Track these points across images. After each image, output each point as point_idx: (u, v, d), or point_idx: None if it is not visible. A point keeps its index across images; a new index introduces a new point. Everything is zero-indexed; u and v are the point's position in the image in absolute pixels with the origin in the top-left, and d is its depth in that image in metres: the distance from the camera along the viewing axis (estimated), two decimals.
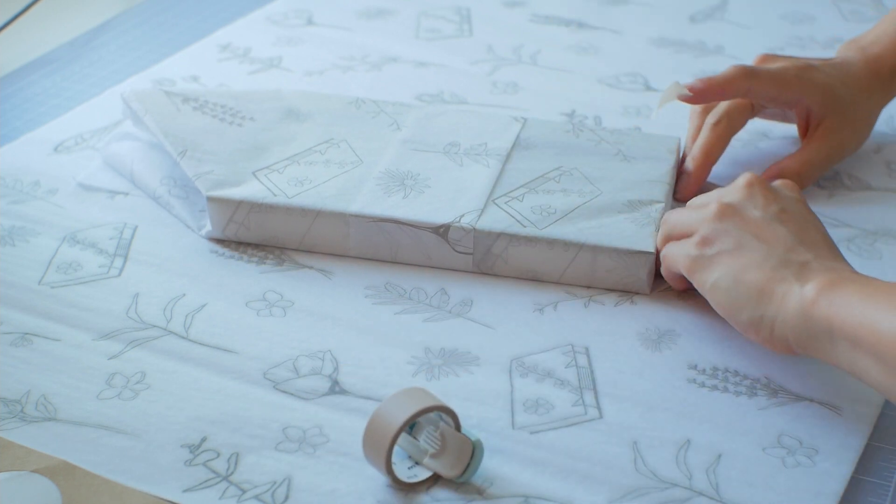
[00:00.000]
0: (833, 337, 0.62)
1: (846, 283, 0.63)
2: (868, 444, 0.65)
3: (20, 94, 0.99)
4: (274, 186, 0.79)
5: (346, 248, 0.78)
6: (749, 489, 0.61)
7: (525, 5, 1.13)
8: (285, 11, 1.12)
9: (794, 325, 0.64)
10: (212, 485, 0.61)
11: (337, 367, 0.69)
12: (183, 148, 0.82)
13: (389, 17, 1.11)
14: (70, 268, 0.77)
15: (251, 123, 0.86)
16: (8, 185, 0.85)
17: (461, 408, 0.64)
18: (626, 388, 0.68)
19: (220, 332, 0.72)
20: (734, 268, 0.67)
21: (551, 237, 0.75)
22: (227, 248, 0.79)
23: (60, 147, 0.90)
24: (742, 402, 0.67)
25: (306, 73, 1.01)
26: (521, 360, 0.70)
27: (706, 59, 1.03)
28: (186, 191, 0.83)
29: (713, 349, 0.71)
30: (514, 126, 0.85)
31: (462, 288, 0.76)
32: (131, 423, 0.65)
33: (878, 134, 0.92)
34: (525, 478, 0.62)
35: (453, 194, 0.78)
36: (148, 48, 1.06)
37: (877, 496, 0.62)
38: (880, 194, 0.85)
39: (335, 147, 0.83)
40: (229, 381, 0.68)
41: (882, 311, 0.60)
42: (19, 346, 0.71)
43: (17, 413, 0.66)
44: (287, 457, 0.63)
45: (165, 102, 0.87)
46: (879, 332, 0.59)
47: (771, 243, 0.67)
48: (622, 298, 0.75)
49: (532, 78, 1.00)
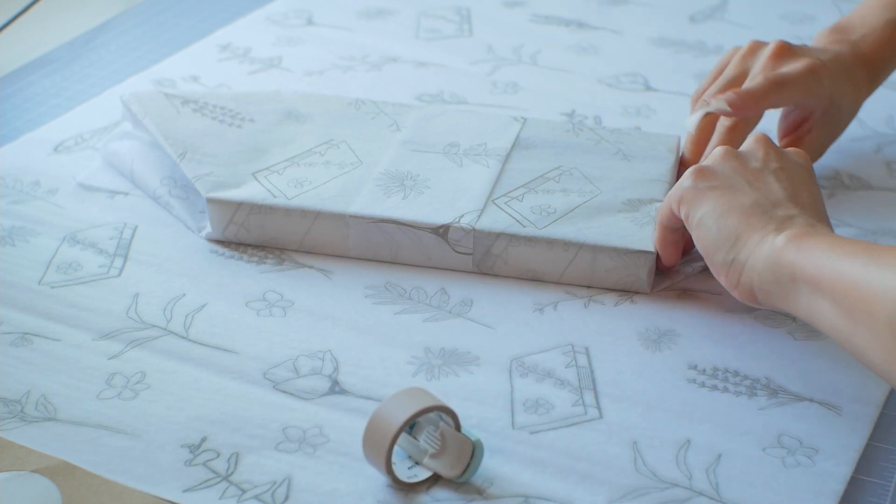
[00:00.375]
0: (795, 281, 0.63)
1: (818, 235, 0.64)
2: (868, 444, 0.65)
3: (20, 94, 0.99)
4: (273, 188, 0.79)
5: (345, 249, 0.78)
6: (749, 489, 0.61)
7: (525, 5, 1.13)
8: (285, 11, 1.12)
9: (761, 270, 0.65)
10: (212, 485, 0.62)
11: (337, 367, 0.69)
12: (183, 150, 0.82)
13: (389, 17, 1.11)
14: (70, 268, 0.77)
15: (251, 125, 0.86)
16: (8, 185, 0.85)
17: (461, 408, 0.64)
18: (626, 388, 0.68)
19: (220, 332, 0.72)
20: (721, 206, 0.68)
21: (551, 237, 0.75)
22: (227, 248, 0.79)
23: (60, 147, 0.90)
24: (742, 402, 0.67)
25: (306, 73, 1.01)
26: (521, 360, 0.70)
27: (706, 59, 1.03)
28: (186, 191, 0.83)
29: (713, 349, 0.71)
30: (514, 126, 0.85)
31: (462, 288, 0.76)
32: (131, 423, 0.65)
33: (878, 134, 0.92)
34: (525, 478, 0.62)
35: (453, 195, 0.78)
36: (148, 48, 1.06)
37: (877, 496, 0.62)
38: (880, 194, 0.85)
39: (335, 148, 0.83)
40: (229, 381, 0.68)
41: (845, 257, 0.61)
42: (19, 346, 0.71)
43: (17, 413, 0.66)
44: (287, 457, 0.63)
45: (165, 105, 0.87)
46: (839, 276, 0.60)
47: (762, 193, 0.68)
48: (622, 298, 0.75)
49: (532, 78, 1.00)
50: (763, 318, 0.73)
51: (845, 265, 0.60)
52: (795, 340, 0.71)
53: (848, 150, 0.90)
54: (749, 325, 0.72)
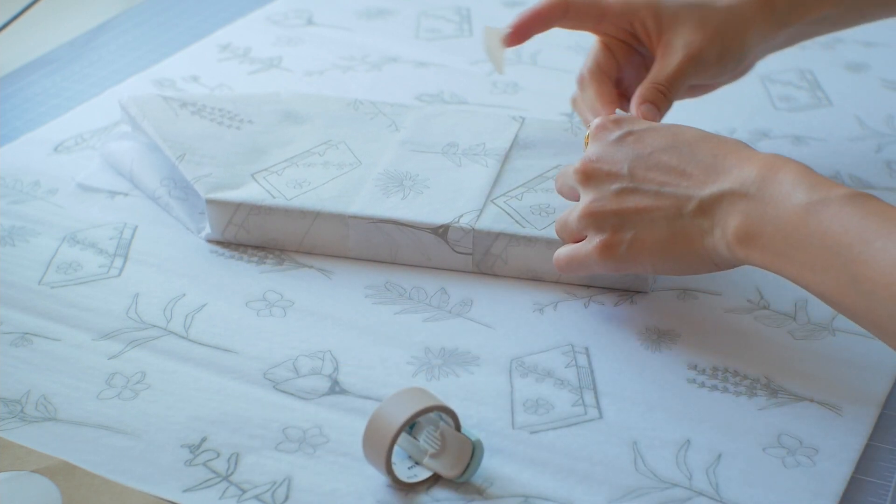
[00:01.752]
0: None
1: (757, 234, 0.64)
2: (868, 444, 0.65)
3: (20, 94, 0.99)
4: (273, 188, 0.79)
5: (345, 249, 0.78)
6: (749, 489, 0.61)
7: (525, 5, 1.13)
8: (285, 11, 1.12)
9: (732, 265, 0.67)
10: (212, 485, 0.62)
11: (337, 367, 0.69)
12: (181, 151, 0.82)
13: (389, 17, 1.11)
14: (70, 268, 0.77)
15: (249, 126, 0.86)
16: (8, 185, 0.85)
17: (461, 408, 0.64)
18: (626, 388, 0.68)
19: (220, 332, 0.72)
20: (654, 246, 0.68)
21: (550, 237, 0.75)
22: (226, 248, 0.79)
23: (60, 147, 0.90)
24: (742, 402, 0.67)
25: (306, 74, 1.01)
26: (521, 360, 0.70)
27: None
28: (186, 193, 0.83)
29: (713, 349, 0.71)
30: (513, 126, 0.85)
31: (462, 288, 0.76)
32: (131, 423, 0.65)
33: (878, 134, 0.92)
34: (525, 478, 0.62)
35: (452, 195, 0.78)
36: (148, 48, 1.06)
37: (877, 496, 0.62)
38: (880, 194, 0.85)
39: (334, 149, 0.83)
40: (229, 381, 0.68)
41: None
42: (19, 346, 0.71)
43: (17, 413, 0.66)
44: (287, 457, 0.63)
45: (163, 107, 0.87)
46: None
47: (660, 204, 0.67)
48: (622, 298, 0.75)
49: (532, 78, 1.00)
50: (763, 318, 0.73)
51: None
52: (795, 340, 0.71)
53: (848, 150, 0.90)
54: (749, 325, 0.72)
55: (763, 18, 0.80)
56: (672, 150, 0.68)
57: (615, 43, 0.82)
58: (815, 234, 0.61)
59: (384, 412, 0.60)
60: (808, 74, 1.01)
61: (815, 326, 0.72)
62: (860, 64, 1.02)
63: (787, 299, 0.74)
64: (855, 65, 1.02)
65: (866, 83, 0.99)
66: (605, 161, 0.69)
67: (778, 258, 0.63)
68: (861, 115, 0.94)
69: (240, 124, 0.86)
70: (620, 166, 0.68)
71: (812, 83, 0.99)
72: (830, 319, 0.72)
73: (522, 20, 0.81)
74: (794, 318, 0.73)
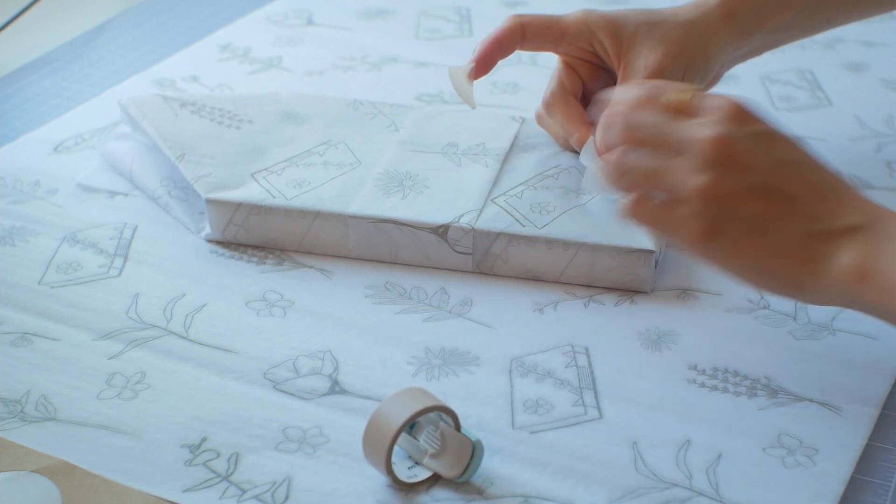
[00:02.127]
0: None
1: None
2: (868, 444, 0.65)
3: (20, 94, 0.99)
4: (273, 188, 0.79)
5: (345, 249, 0.78)
6: (749, 489, 0.61)
7: (525, 5, 1.13)
8: (285, 11, 1.12)
9: (832, 298, 0.63)
10: (212, 485, 0.62)
11: (337, 367, 0.69)
12: (181, 151, 0.82)
13: (389, 17, 1.11)
14: (70, 268, 0.77)
15: (249, 126, 0.86)
16: (8, 185, 0.85)
17: (461, 408, 0.64)
18: (626, 388, 0.68)
19: (220, 332, 0.72)
20: (759, 253, 0.63)
21: (550, 236, 0.75)
22: (226, 248, 0.79)
23: (60, 147, 0.90)
24: (742, 402, 0.67)
25: (306, 74, 1.01)
26: (521, 360, 0.70)
27: None
28: (186, 193, 0.83)
29: (713, 349, 0.71)
30: (513, 125, 0.85)
31: (462, 288, 0.76)
32: (131, 423, 0.65)
33: (878, 134, 0.92)
34: (525, 478, 0.62)
35: (452, 194, 0.78)
36: (148, 48, 1.06)
37: (877, 496, 0.62)
38: (880, 194, 0.85)
39: (333, 148, 0.83)
40: (229, 381, 0.68)
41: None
42: (19, 346, 0.71)
43: (17, 413, 0.66)
44: (287, 457, 0.63)
45: (163, 107, 0.87)
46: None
47: (788, 217, 0.62)
48: (622, 298, 0.75)
49: (532, 78, 1.00)
50: (763, 318, 0.73)
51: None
52: (795, 340, 0.71)
53: (848, 150, 0.90)
54: (749, 325, 0.72)
55: (727, 28, 0.80)
56: (812, 166, 0.64)
57: (578, 63, 0.82)
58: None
59: (384, 412, 0.60)
60: (808, 74, 1.01)
61: (815, 326, 0.72)
62: (860, 64, 1.02)
63: (787, 299, 0.73)
64: (855, 65, 1.02)
65: (866, 83, 0.99)
66: (745, 150, 0.63)
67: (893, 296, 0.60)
68: (861, 115, 0.94)
69: (240, 124, 0.86)
70: (764, 163, 0.63)
71: (812, 83, 0.99)
72: (830, 319, 0.72)
73: (483, 51, 0.80)
74: (794, 318, 0.73)
